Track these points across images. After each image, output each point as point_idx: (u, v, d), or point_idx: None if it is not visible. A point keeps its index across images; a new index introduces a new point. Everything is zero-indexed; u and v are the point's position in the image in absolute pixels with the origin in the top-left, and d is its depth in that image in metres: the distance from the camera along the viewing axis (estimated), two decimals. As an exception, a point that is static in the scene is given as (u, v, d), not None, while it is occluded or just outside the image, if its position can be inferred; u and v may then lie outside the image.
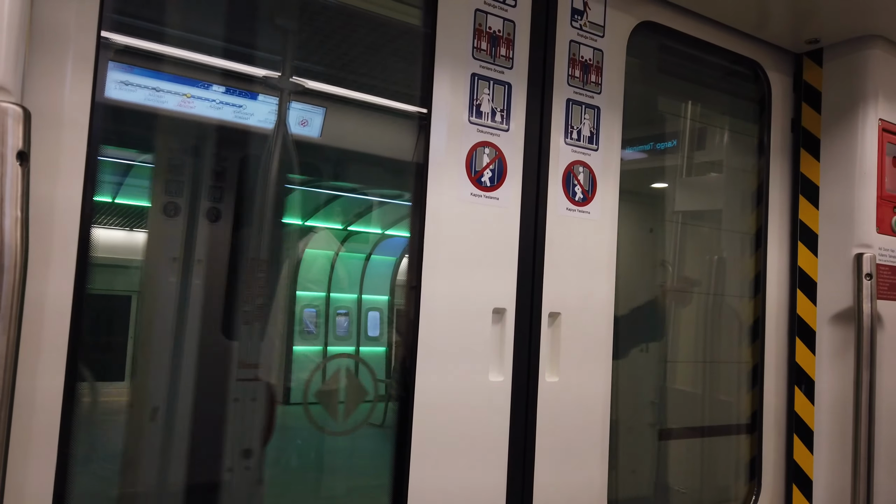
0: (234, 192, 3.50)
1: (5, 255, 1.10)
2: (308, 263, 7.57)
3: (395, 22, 2.35)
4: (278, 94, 3.12)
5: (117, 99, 2.77)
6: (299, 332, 8.10)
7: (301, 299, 8.08)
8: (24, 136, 1.14)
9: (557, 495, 2.10)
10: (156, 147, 3.13)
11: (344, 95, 3.16)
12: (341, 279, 7.90)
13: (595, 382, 2.21)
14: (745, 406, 2.87)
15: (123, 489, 2.52)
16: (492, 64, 2.05)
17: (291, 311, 3.23)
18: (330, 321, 7.93)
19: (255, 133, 3.48)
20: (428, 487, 1.89)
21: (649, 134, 3.36)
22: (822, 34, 2.67)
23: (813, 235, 2.71)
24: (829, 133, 2.69)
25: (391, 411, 2.15)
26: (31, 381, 1.37)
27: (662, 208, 3.36)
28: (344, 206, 6.04)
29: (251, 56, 3.32)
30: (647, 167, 3.45)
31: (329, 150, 3.38)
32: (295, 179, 3.40)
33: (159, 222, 2.86)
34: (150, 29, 2.36)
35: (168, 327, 2.69)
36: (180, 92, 3.66)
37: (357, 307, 8.40)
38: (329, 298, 8.32)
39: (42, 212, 1.40)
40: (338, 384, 2.68)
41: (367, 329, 8.60)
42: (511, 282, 2.05)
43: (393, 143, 2.72)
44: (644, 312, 3.28)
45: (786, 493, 2.70)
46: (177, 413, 2.61)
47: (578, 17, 2.22)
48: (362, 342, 8.60)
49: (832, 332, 2.62)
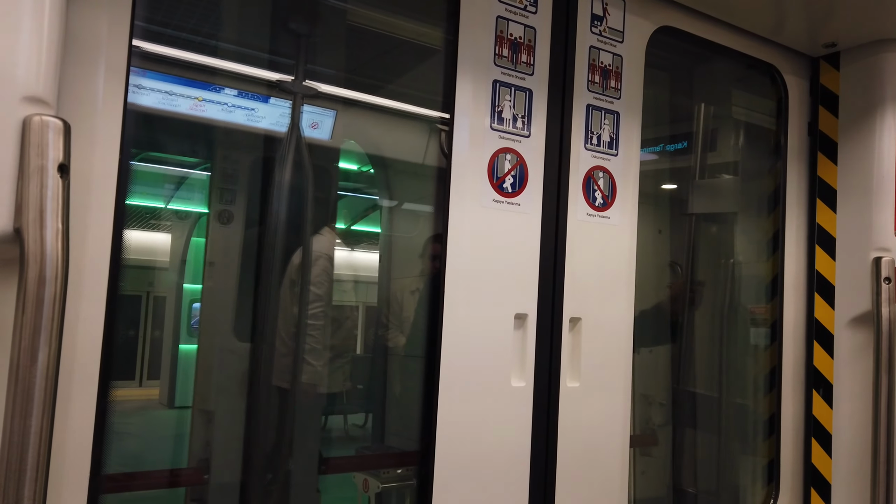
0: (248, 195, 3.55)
1: (47, 266, 1.11)
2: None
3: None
4: (291, 98, 3.14)
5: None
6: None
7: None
8: (65, 148, 1.16)
9: (579, 500, 2.11)
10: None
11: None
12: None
13: (615, 387, 2.22)
14: (762, 409, 2.88)
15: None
16: (513, 70, 2.06)
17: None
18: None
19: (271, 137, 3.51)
20: (451, 490, 1.91)
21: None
22: (839, 38, 2.67)
23: (831, 239, 2.71)
24: (847, 136, 2.69)
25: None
26: (66, 387, 1.39)
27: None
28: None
29: (266, 60, 3.34)
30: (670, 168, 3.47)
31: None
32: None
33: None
34: (175, 36, 2.38)
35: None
36: (193, 95, 3.69)
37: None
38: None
39: (76, 220, 1.41)
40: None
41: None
42: (532, 287, 2.06)
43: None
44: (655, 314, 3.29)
45: (804, 497, 2.70)
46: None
47: (598, 23, 2.23)
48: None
49: (850, 335, 2.62)
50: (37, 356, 1.10)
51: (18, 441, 1.09)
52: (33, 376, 1.10)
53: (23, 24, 1.17)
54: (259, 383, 2.77)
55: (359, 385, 4.32)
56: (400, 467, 2.73)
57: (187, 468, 3.11)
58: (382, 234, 4.20)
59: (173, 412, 7.79)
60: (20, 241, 1.12)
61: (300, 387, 2.88)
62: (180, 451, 6.12)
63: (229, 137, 3.53)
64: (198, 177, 6.47)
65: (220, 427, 2.94)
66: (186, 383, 8.05)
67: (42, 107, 1.17)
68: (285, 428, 2.72)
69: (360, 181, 4.42)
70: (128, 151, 1.50)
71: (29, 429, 1.09)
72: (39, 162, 1.13)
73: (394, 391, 3.35)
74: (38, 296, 1.11)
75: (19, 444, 1.09)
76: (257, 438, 2.61)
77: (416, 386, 2.40)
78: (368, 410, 4.51)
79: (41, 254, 1.12)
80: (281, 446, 2.68)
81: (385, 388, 3.39)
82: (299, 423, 2.81)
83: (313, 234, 3.10)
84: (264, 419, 2.66)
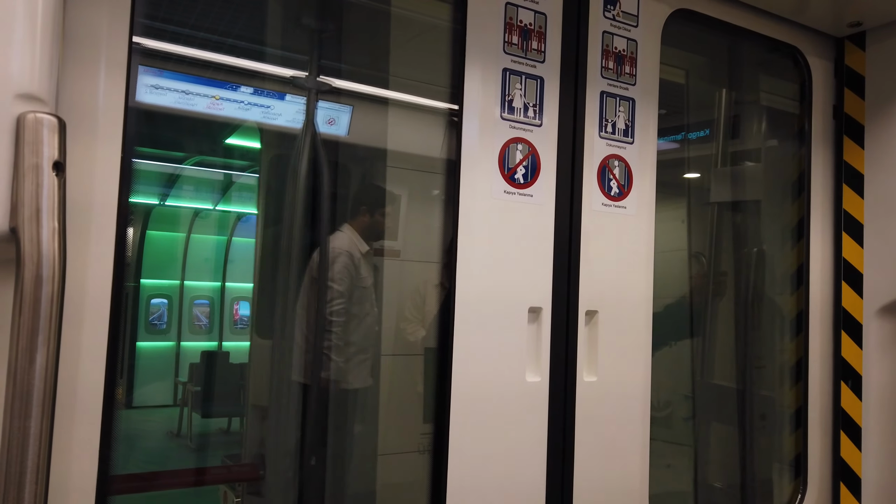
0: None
1: (44, 266, 1.09)
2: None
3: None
4: (306, 94, 3.12)
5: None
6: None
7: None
8: (60, 146, 1.14)
9: (598, 496, 2.06)
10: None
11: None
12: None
13: (634, 381, 2.16)
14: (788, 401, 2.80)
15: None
16: (523, 58, 2.01)
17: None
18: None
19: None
20: (467, 487, 1.87)
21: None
22: (864, 16, 2.57)
23: (858, 225, 2.61)
24: (874, 119, 2.60)
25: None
26: (71, 385, 1.38)
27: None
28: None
29: (278, 57, 3.33)
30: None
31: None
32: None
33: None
34: (177, 32, 2.37)
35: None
36: (209, 94, 3.69)
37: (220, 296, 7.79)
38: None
39: (79, 218, 1.40)
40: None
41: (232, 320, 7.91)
42: (546, 280, 2.01)
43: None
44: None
45: (833, 491, 2.62)
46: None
47: (611, 7, 2.17)
48: (227, 336, 8.02)
49: (880, 324, 2.53)
50: (35, 357, 1.09)
51: (18, 443, 1.07)
52: (32, 377, 1.08)
53: (16, 21, 1.16)
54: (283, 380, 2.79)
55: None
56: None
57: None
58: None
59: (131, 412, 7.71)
60: (16, 241, 1.10)
61: (320, 383, 2.87)
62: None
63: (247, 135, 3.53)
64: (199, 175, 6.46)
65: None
66: (145, 382, 8.02)
67: (37, 104, 1.16)
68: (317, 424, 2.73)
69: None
70: (130, 149, 1.48)
71: (28, 430, 1.08)
72: (34, 160, 1.11)
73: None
74: (35, 296, 1.09)
75: (19, 446, 1.07)
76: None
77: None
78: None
79: (37, 253, 1.10)
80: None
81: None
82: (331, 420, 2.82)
83: (332, 230, 3.09)
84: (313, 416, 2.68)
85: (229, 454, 4.92)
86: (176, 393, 7.89)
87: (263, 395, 3.33)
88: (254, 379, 3.89)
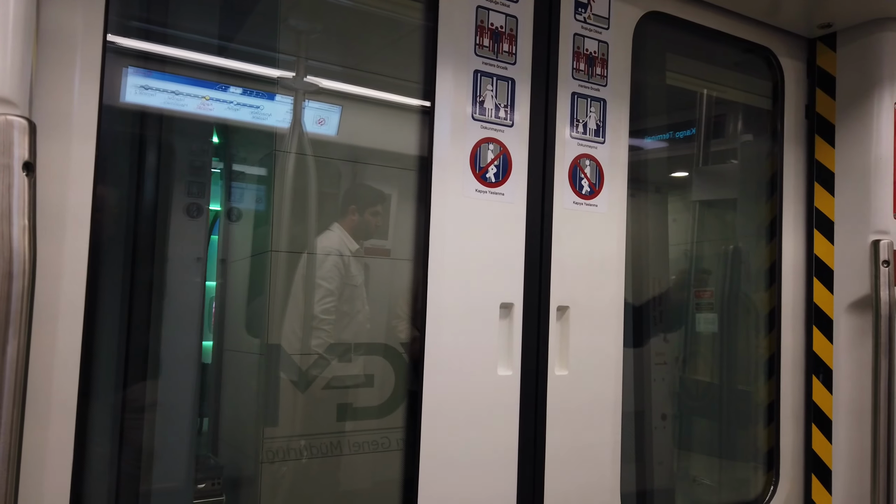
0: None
1: (14, 262, 1.14)
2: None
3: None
4: (293, 94, 3.15)
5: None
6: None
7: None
8: (30, 147, 1.18)
9: (569, 488, 2.11)
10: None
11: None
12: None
13: (606, 375, 2.21)
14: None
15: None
16: (494, 60, 2.05)
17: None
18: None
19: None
20: (438, 481, 1.92)
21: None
22: (835, 18, 2.62)
23: (829, 223, 2.67)
24: (844, 119, 2.65)
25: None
26: (46, 379, 1.42)
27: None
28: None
29: (264, 57, 3.36)
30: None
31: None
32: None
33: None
34: (155, 31, 2.39)
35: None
36: (199, 95, 3.71)
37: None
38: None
39: (54, 216, 1.44)
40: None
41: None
42: (518, 277, 2.06)
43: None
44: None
45: (805, 483, 2.67)
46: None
47: (582, 10, 2.22)
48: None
49: (849, 320, 2.58)
50: (5, 350, 1.13)
51: (-11, 434, 1.12)
52: (3, 368, 1.13)
53: (-13, 26, 1.20)
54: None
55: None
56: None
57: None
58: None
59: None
60: (-13, 238, 1.14)
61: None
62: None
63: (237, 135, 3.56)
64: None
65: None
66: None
67: (7, 107, 1.20)
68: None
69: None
70: (104, 148, 1.52)
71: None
72: (5, 161, 1.16)
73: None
74: (6, 291, 1.13)
75: (-10, 438, 1.12)
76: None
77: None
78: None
79: (8, 250, 1.14)
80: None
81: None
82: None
83: (322, 230, 3.13)
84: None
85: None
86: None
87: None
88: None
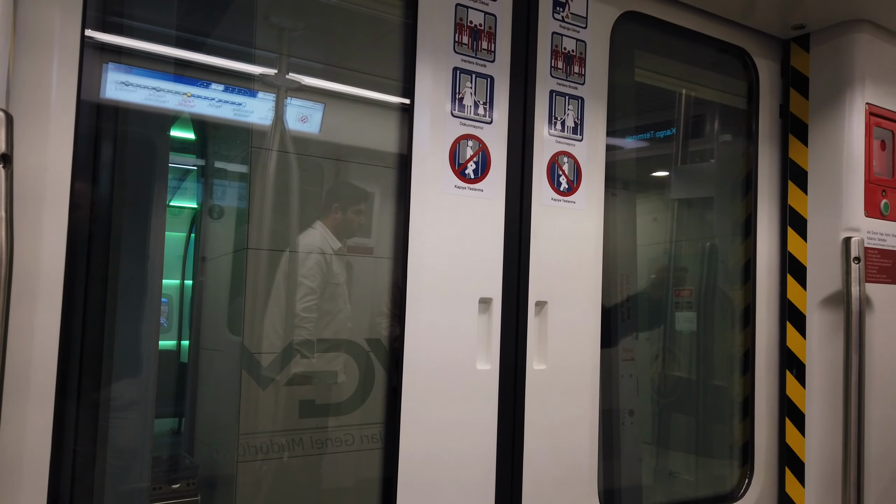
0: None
1: (-9, 253, 1.15)
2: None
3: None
4: (275, 92, 3.15)
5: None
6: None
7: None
8: (7, 139, 1.19)
9: (547, 480, 2.14)
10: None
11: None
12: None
13: (583, 370, 2.24)
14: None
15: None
16: (473, 58, 2.08)
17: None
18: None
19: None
20: (417, 473, 1.94)
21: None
22: (808, 19, 2.68)
23: (802, 220, 2.72)
24: (817, 118, 2.71)
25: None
26: (24, 367, 1.43)
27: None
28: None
29: (246, 54, 3.36)
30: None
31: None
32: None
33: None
34: (135, 27, 2.39)
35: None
36: (181, 91, 3.69)
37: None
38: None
39: (32, 208, 1.44)
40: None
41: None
42: (497, 272, 2.09)
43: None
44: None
45: (779, 476, 2.72)
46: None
47: (560, 9, 2.25)
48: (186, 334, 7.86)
49: (822, 315, 2.64)
50: (-19, 341, 1.14)
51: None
52: (-22, 361, 1.13)
53: (-36, 19, 1.20)
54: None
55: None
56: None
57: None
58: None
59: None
60: (-37, 230, 1.15)
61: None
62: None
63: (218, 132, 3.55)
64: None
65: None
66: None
67: (-16, 99, 1.20)
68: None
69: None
70: (82, 143, 1.53)
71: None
72: (-19, 152, 1.16)
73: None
74: (-18, 282, 1.14)
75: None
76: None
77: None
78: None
79: (-15, 242, 1.15)
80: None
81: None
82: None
83: (304, 228, 3.13)
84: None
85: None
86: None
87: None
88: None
